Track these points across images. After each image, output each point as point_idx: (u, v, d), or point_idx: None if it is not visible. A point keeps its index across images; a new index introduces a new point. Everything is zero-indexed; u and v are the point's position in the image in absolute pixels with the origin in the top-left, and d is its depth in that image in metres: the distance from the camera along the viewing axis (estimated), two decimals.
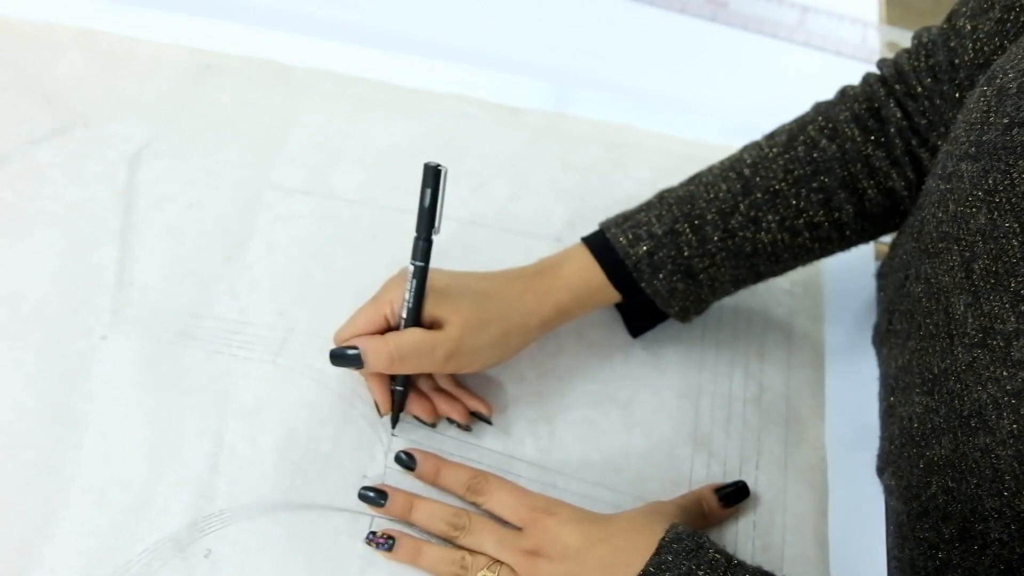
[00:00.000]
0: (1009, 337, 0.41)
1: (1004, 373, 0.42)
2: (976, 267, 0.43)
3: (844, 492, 0.55)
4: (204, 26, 0.69)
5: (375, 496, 0.51)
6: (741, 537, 0.53)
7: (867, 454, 0.56)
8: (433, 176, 0.48)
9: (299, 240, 0.60)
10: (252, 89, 0.67)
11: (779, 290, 0.62)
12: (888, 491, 0.54)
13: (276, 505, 0.51)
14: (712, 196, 0.54)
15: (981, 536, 0.45)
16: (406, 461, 0.52)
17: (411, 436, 0.54)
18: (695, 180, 0.56)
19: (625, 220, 0.55)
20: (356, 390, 0.55)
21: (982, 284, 0.43)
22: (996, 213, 0.42)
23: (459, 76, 0.69)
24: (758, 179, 0.54)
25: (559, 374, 0.57)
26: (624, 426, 0.56)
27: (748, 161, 0.55)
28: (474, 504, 0.51)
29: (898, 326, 0.55)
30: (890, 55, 0.56)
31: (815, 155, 0.54)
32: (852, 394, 0.58)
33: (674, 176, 0.57)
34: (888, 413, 0.55)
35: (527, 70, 0.71)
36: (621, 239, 0.54)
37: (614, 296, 0.55)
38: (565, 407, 0.56)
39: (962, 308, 0.45)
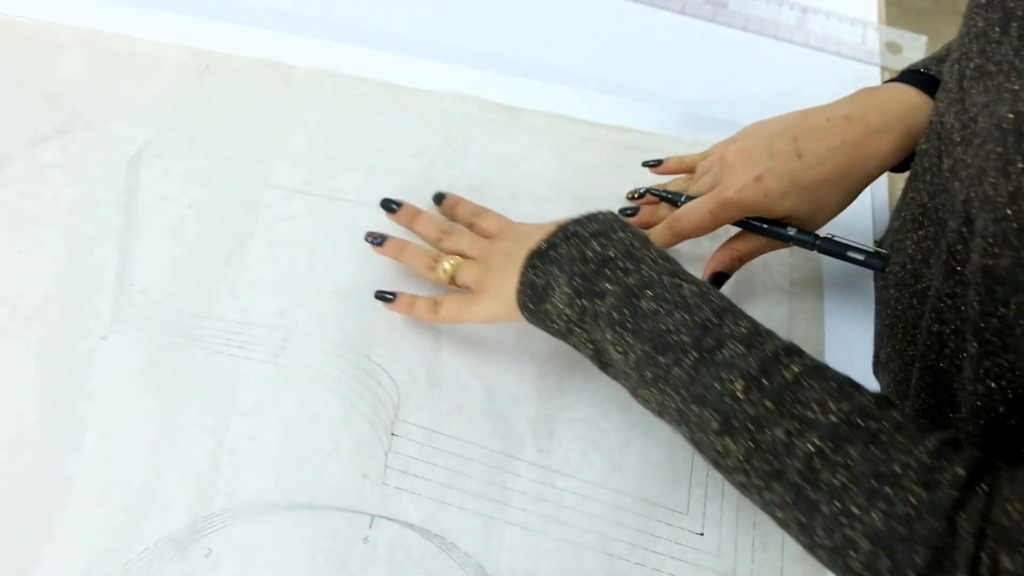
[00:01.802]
0: (975, 116, 0.42)
1: (974, 142, 0.42)
2: (967, 73, 0.44)
3: None
4: (204, 26, 0.69)
5: (391, 204, 0.59)
6: (740, 536, 0.53)
7: None
8: None
9: (300, 240, 0.60)
10: (252, 89, 0.67)
11: (779, 290, 0.62)
12: (883, 384, 0.56)
13: (276, 505, 0.51)
14: None
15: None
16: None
17: (410, 437, 0.54)
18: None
19: (941, 61, 0.56)
20: (356, 390, 0.55)
21: (969, 86, 0.43)
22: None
23: (459, 76, 0.69)
24: None
25: (559, 374, 0.57)
26: (624, 426, 0.56)
27: None
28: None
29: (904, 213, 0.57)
30: (889, 55, 0.56)
31: None
32: None
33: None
34: (883, 290, 0.57)
35: (527, 70, 0.71)
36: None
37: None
38: (565, 407, 0.56)
39: (951, 117, 0.46)
